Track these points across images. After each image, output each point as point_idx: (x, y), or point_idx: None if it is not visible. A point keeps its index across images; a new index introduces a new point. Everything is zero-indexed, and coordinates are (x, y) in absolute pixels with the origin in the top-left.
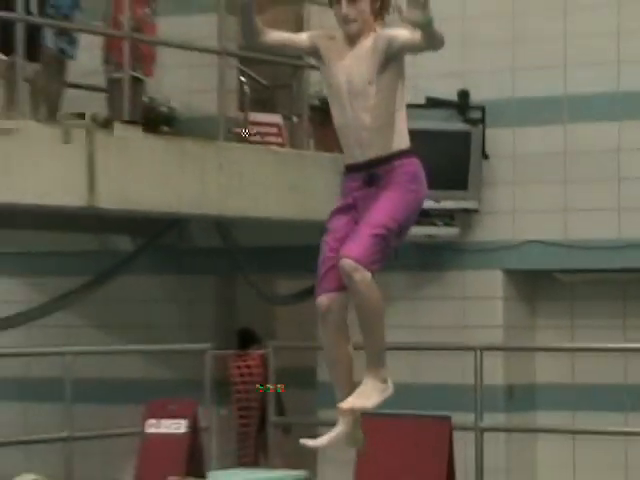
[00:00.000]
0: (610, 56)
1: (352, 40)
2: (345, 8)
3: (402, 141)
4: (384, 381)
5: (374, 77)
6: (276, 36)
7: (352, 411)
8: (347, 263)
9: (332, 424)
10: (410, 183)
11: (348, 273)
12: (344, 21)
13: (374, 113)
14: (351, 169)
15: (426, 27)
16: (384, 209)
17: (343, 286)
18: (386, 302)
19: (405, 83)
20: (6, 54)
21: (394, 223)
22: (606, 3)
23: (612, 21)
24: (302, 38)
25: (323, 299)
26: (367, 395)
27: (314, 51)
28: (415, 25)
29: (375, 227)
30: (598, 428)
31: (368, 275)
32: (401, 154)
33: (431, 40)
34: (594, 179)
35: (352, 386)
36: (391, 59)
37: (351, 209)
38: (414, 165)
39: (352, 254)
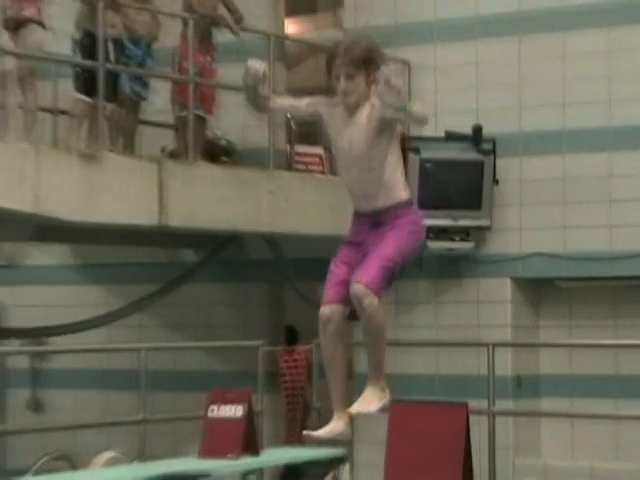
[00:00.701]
0: (602, 96)
1: (351, 110)
2: (343, 83)
3: (403, 192)
4: (383, 389)
5: (372, 142)
6: (281, 102)
7: (355, 415)
8: (359, 288)
9: None
10: (414, 227)
11: (359, 297)
12: (343, 94)
13: (375, 172)
14: (359, 215)
15: (402, 111)
16: (392, 245)
17: (344, 300)
18: (412, 305)
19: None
20: (90, 96)
21: (400, 257)
22: (598, 51)
23: (603, 66)
24: (305, 104)
25: (325, 310)
26: (369, 402)
27: (316, 116)
28: (393, 109)
29: (384, 259)
30: (593, 412)
31: (376, 300)
32: (405, 204)
33: (414, 120)
34: (589, 201)
35: (345, 386)
36: (385, 126)
37: (360, 245)
38: (416, 213)
39: (364, 280)
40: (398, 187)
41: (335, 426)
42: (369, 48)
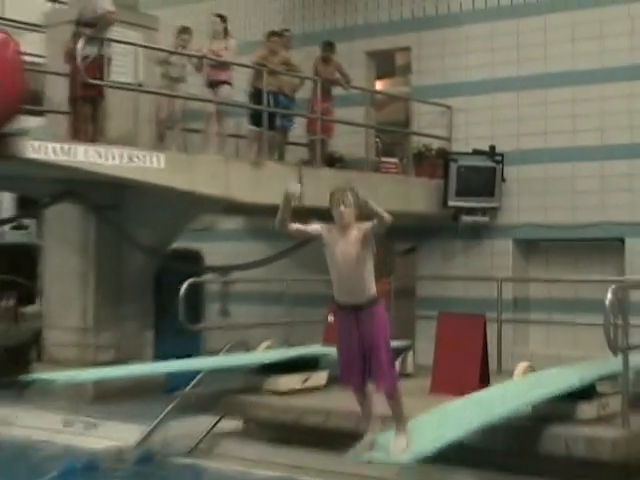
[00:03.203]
0: (569, 129)
1: (344, 229)
2: (342, 209)
3: (373, 288)
4: (405, 429)
5: (359, 253)
6: (296, 227)
7: (400, 450)
8: (389, 395)
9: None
10: (385, 316)
11: (391, 398)
12: (341, 217)
13: (359, 275)
14: (342, 307)
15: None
16: (382, 335)
17: (365, 380)
18: (451, 255)
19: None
20: (257, 127)
21: (388, 339)
22: (567, 100)
23: (570, 111)
24: (311, 229)
25: (356, 391)
26: (402, 443)
27: (320, 238)
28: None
29: (385, 349)
30: (560, 321)
31: (399, 390)
32: (376, 297)
33: (384, 222)
34: (561, 192)
35: (370, 412)
36: (367, 239)
37: (351, 325)
38: (383, 305)
39: (388, 388)
40: (373, 286)
41: (371, 437)
42: (357, 193)
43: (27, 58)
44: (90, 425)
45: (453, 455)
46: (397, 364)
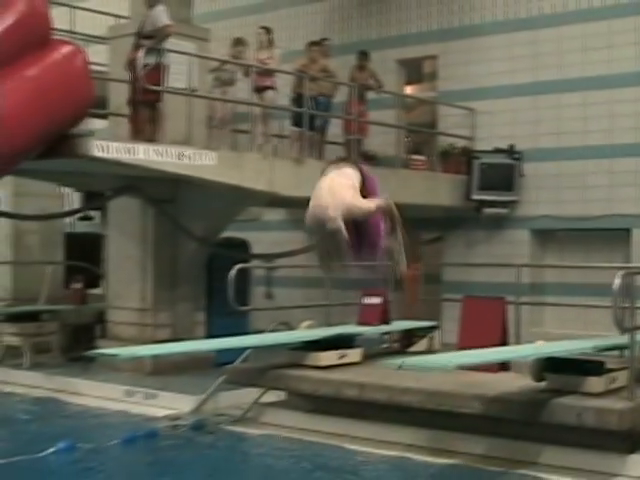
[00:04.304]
0: (579, 130)
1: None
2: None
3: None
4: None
5: None
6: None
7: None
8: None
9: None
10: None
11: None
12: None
13: None
14: None
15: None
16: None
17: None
18: (474, 244)
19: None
20: (298, 127)
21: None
22: (578, 104)
23: (580, 113)
24: None
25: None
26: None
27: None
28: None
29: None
30: (572, 303)
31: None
32: None
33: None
34: (573, 186)
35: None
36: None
37: None
38: None
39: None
40: None
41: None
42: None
43: (93, 67)
44: (149, 395)
45: (470, 424)
46: (425, 342)
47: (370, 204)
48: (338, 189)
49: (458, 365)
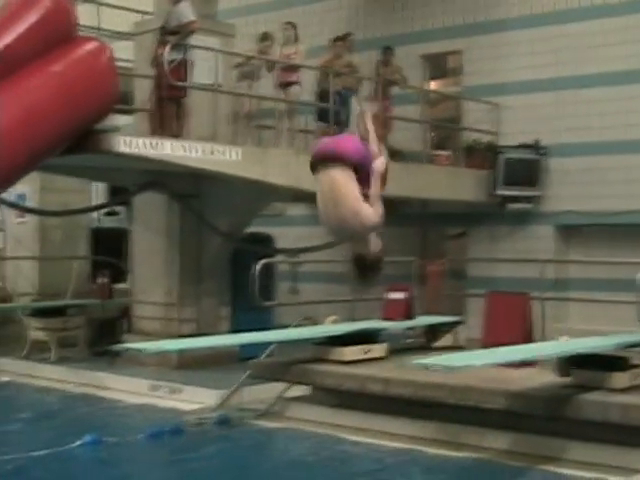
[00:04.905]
0: (604, 123)
1: None
2: None
3: None
4: None
5: None
6: None
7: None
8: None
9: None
10: None
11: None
12: None
13: None
14: None
15: None
16: None
17: None
18: (498, 239)
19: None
20: (323, 122)
21: None
22: (600, 100)
23: (598, 110)
24: None
25: None
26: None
27: None
28: None
29: None
30: (596, 299)
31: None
32: None
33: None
34: (597, 181)
35: None
36: None
37: None
38: None
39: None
40: None
41: None
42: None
43: (118, 63)
44: (174, 390)
45: (495, 419)
46: (449, 337)
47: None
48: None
49: (484, 365)
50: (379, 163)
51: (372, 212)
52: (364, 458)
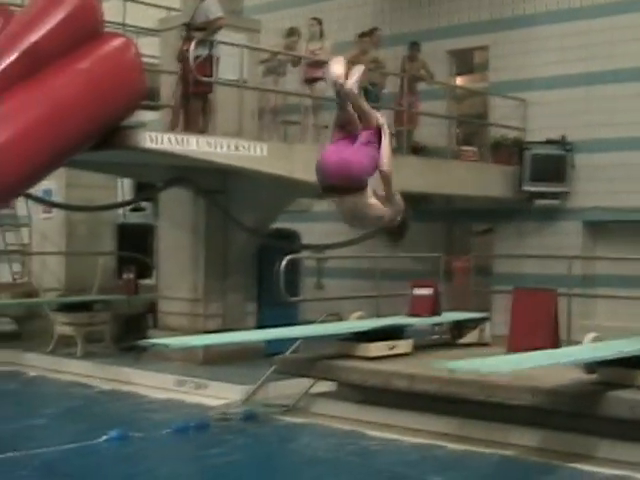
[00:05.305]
0: (631, 119)
1: None
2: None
3: None
4: None
5: None
6: None
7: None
8: None
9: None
10: None
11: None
12: None
13: None
14: None
15: None
16: None
17: None
18: (526, 235)
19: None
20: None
21: None
22: (624, 96)
23: (631, 106)
24: None
25: None
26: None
27: None
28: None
29: None
30: (623, 295)
31: None
32: None
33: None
34: (625, 177)
35: None
36: None
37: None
38: None
39: None
40: None
41: None
42: None
43: (144, 59)
44: (199, 385)
45: (523, 416)
46: (475, 334)
47: (397, 213)
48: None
49: (511, 371)
50: (386, 168)
51: (393, 211)
52: (389, 454)
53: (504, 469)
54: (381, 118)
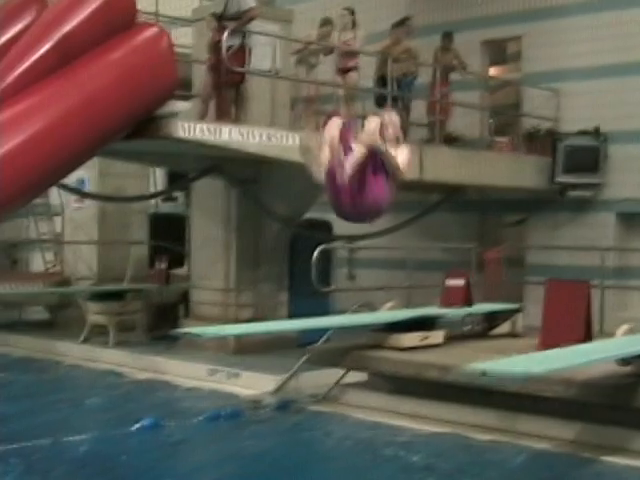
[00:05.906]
0: None
1: None
2: None
3: None
4: None
5: None
6: None
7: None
8: None
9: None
10: None
11: None
12: None
13: None
14: None
15: None
16: None
17: None
18: (559, 226)
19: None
20: (381, 107)
21: None
22: None
23: None
24: None
25: None
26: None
27: None
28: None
29: None
30: None
31: None
32: None
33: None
34: None
35: None
36: None
37: None
38: None
39: None
40: None
41: None
42: None
43: (177, 49)
44: (231, 374)
45: (556, 408)
46: (507, 325)
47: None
48: None
49: (542, 372)
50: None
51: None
52: (420, 445)
53: (537, 462)
54: (393, 115)
